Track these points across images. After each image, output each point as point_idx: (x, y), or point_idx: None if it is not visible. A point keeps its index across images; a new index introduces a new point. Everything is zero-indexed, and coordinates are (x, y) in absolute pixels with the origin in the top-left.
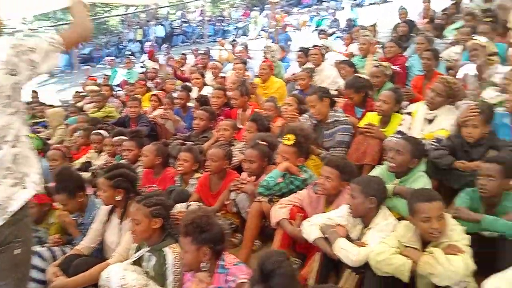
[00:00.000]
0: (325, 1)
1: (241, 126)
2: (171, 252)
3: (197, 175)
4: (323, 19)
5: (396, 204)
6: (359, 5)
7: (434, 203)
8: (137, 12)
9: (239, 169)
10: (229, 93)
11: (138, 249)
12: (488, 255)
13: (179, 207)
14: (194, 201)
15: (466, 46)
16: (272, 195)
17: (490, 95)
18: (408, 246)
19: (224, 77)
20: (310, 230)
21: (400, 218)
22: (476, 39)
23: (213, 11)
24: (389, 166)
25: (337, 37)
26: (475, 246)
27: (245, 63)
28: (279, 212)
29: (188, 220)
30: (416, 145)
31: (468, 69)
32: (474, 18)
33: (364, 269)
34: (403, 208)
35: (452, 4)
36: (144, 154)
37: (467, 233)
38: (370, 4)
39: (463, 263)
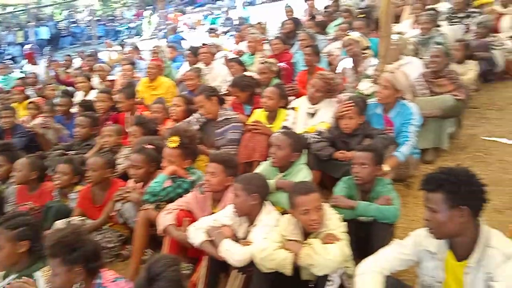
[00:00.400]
0: (218, 0)
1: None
2: (42, 277)
3: (78, 187)
4: (217, 17)
5: (279, 199)
6: (251, 3)
7: (312, 195)
8: (16, 12)
9: (127, 176)
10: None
11: (6, 276)
12: (366, 239)
13: (59, 225)
14: (77, 216)
15: (343, 41)
16: (159, 201)
17: (365, 86)
18: (291, 239)
19: (113, 80)
20: (196, 234)
21: (285, 212)
22: (350, 35)
23: (104, 11)
24: (272, 161)
25: (231, 35)
26: (353, 232)
27: (133, 64)
28: (165, 218)
29: (54, 240)
30: (295, 139)
31: (346, 63)
32: (351, 14)
33: (251, 268)
34: (286, 202)
35: (333, 2)
36: (16, 169)
37: (346, 220)
38: (262, 2)
39: (339, 250)
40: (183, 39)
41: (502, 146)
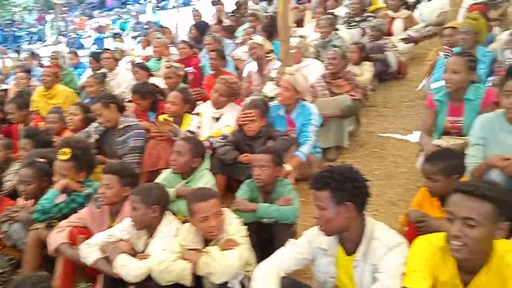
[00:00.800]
0: (129, 4)
1: None
2: None
3: None
4: (126, 22)
5: (180, 207)
6: (162, 8)
7: (210, 201)
8: None
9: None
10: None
11: None
12: (269, 240)
13: None
14: None
15: (247, 45)
16: (51, 219)
17: (269, 89)
18: (191, 249)
19: (6, 89)
20: (89, 252)
21: (187, 221)
22: (253, 38)
23: (2, 15)
24: (172, 168)
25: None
26: (256, 234)
27: (29, 71)
28: (57, 236)
29: None
30: (195, 144)
31: (252, 67)
32: (257, 19)
33: (149, 282)
34: (187, 210)
35: (239, 6)
36: None
37: (248, 223)
38: (173, 7)
39: (238, 255)
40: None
41: (395, 142)
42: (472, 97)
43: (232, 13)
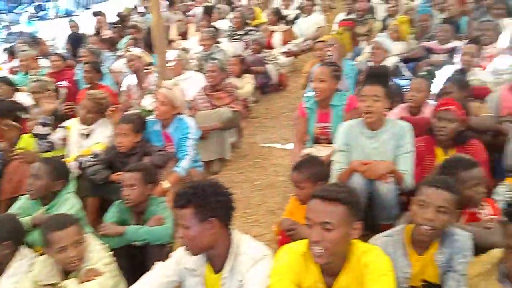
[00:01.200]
0: (2, 13)
1: None
2: None
3: None
4: None
5: (37, 237)
6: (41, 18)
7: (68, 229)
8: None
9: None
10: None
11: None
12: (143, 263)
13: None
14: None
15: (125, 57)
16: None
17: (148, 102)
18: (47, 284)
19: None
20: None
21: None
22: (131, 51)
23: None
24: (29, 193)
25: None
26: (127, 258)
27: None
28: None
29: None
30: (55, 166)
31: (131, 80)
32: (138, 31)
33: None
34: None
35: (121, 17)
36: None
37: (118, 248)
38: (55, 17)
39: (98, 286)
40: None
41: (276, 151)
42: (337, 103)
43: (115, 24)
